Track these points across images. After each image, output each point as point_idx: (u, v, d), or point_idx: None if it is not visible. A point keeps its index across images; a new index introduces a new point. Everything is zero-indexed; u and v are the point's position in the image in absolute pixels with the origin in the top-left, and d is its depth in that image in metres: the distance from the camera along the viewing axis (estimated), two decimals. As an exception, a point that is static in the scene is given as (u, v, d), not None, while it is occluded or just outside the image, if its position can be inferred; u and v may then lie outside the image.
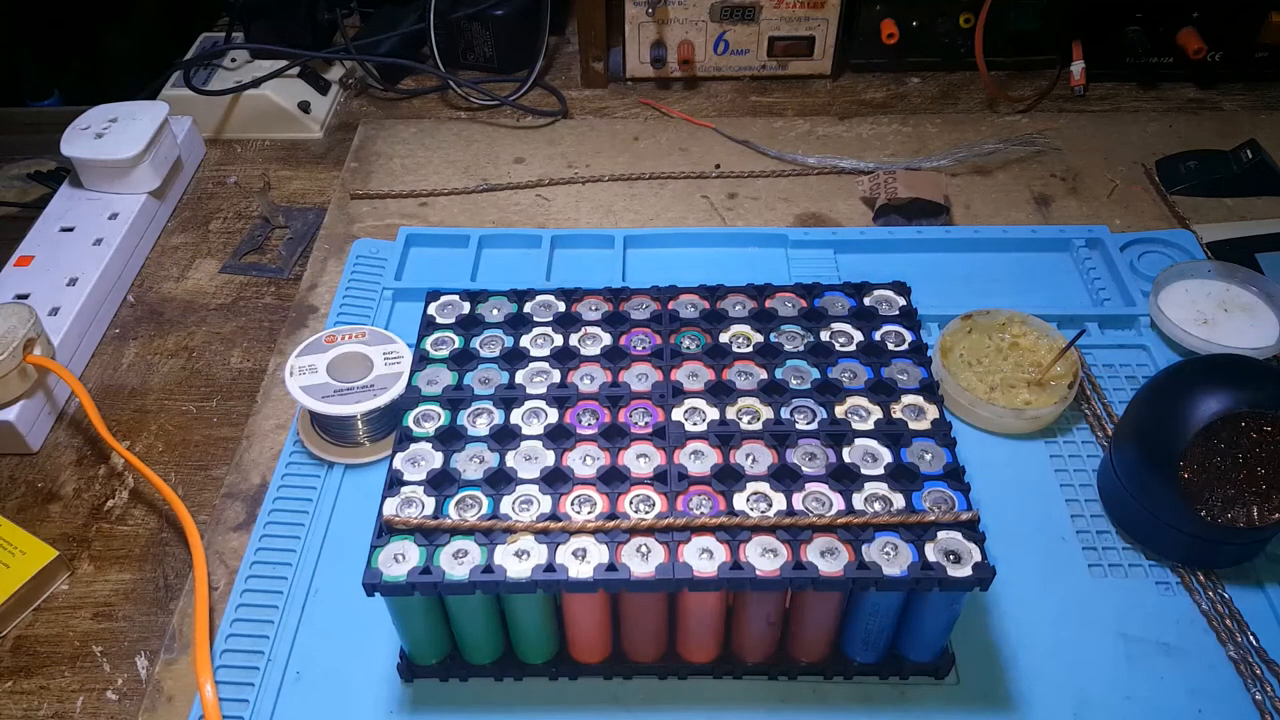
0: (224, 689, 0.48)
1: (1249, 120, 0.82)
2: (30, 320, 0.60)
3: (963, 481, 0.44)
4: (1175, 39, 0.82)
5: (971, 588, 0.41)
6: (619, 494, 0.44)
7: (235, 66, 0.85)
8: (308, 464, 0.58)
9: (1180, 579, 0.52)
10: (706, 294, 0.54)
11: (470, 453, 0.46)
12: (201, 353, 0.67)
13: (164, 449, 0.61)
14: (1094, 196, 0.75)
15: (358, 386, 0.56)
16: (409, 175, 0.80)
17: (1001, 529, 0.53)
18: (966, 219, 0.74)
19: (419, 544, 0.43)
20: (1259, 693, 0.47)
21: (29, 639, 0.52)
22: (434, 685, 0.49)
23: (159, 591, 0.54)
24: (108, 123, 0.75)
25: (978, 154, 0.78)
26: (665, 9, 0.84)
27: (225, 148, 0.85)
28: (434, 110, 0.88)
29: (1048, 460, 0.57)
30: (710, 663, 0.48)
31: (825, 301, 0.53)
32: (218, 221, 0.78)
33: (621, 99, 0.88)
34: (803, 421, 0.47)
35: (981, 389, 0.58)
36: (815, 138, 0.82)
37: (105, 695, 0.50)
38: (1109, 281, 0.67)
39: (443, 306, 0.54)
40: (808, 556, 0.41)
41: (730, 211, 0.75)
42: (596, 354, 0.50)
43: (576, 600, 0.45)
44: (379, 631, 0.49)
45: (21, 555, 0.54)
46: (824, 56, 0.87)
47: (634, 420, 0.47)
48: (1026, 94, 0.86)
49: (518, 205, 0.77)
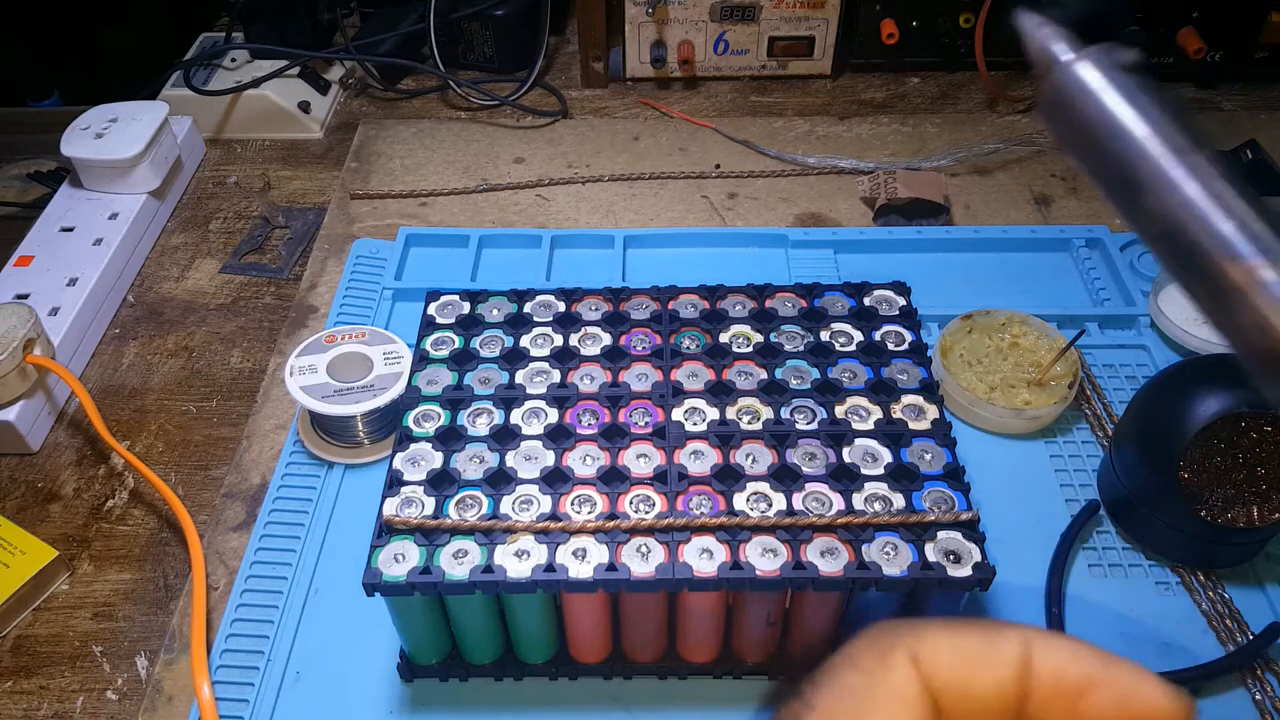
0: (224, 689, 0.48)
1: (1249, 120, 0.82)
2: (30, 320, 0.60)
3: (963, 481, 0.44)
4: (1175, 39, 0.82)
5: (971, 588, 0.41)
6: (619, 494, 0.44)
7: (235, 66, 0.85)
8: (308, 464, 0.58)
9: (1180, 579, 0.52)
10: (706, 294, 0.54)
11: (470, 453, 0.46)
12: (201, 353, 0.67)
13: (164, 449, 0.61)
14: (1094, 196, 0.75)
15: (358, 386, 0.56)
16: (409, 175, 0.80)
17: (1001, 529, 0.53)
18: (966, 219, 0.74)
19: (419, 544, 0.43)
20: (1259, 693, 0.47)
21: (29, 639, 0.52)
22: (434, 685, 0.49)
23: (159, 591, 0.54)
24: (108, 123, 0.75)
25: (978, 154, 0.78)
26: (665, 9, 0.84)
27: (225, 148, 0.85)
28: (434, 110, 0.88)
29: (1048, 460, 0.57)
30: (710, 663, 0.48)
31: (825, 301, 0.53)
32: (218, 221, 0.78)
33: (621, 99, 0.88)
34: (803, 421, 0.47)
35: (981, 389, 0.58)
36: (815, 138, 0.82)
37: (105, 695, 0.50)
38: (1109, 281, 0.67)
39: (443, 306, 0.54)
40: (808, 556, 0.41)
41: (730, 211, 0.75)
42: (596, 354, 0.50)
43: (576, 600, 0.45)
44: (379, 631, 0.49)
45: (21, 555, 0.54)
46: (824, 56, 0.87)
47: (634, 420, 0.47)
48: (1026, 94, 0.86)
49: (518, 205, 0.77)
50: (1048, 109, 0.31)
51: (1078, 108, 0.30)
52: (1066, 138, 0.31)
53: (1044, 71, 0.31)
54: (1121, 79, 0.30)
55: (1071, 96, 0.30)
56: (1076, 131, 0.30)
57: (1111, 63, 0.30)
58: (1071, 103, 0.30)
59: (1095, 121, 0.30)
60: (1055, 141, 0.35)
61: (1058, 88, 0.31)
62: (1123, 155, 0.29)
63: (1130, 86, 0.30)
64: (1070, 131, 0.31)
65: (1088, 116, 0.30)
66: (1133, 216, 0.30)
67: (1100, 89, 0.30)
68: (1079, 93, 0.30)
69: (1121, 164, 0.29)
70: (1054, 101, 0.31)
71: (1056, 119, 0.31)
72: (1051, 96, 0.31)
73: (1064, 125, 0.31)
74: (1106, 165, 0.30)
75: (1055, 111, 0.31)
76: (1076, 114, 0.30)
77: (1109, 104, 0.30)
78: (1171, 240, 0.29)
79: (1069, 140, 0.31)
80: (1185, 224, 0.28)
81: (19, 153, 0.85)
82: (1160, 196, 0.29)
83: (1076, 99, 0.30)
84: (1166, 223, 0.29)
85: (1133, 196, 0.29)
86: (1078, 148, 0.31)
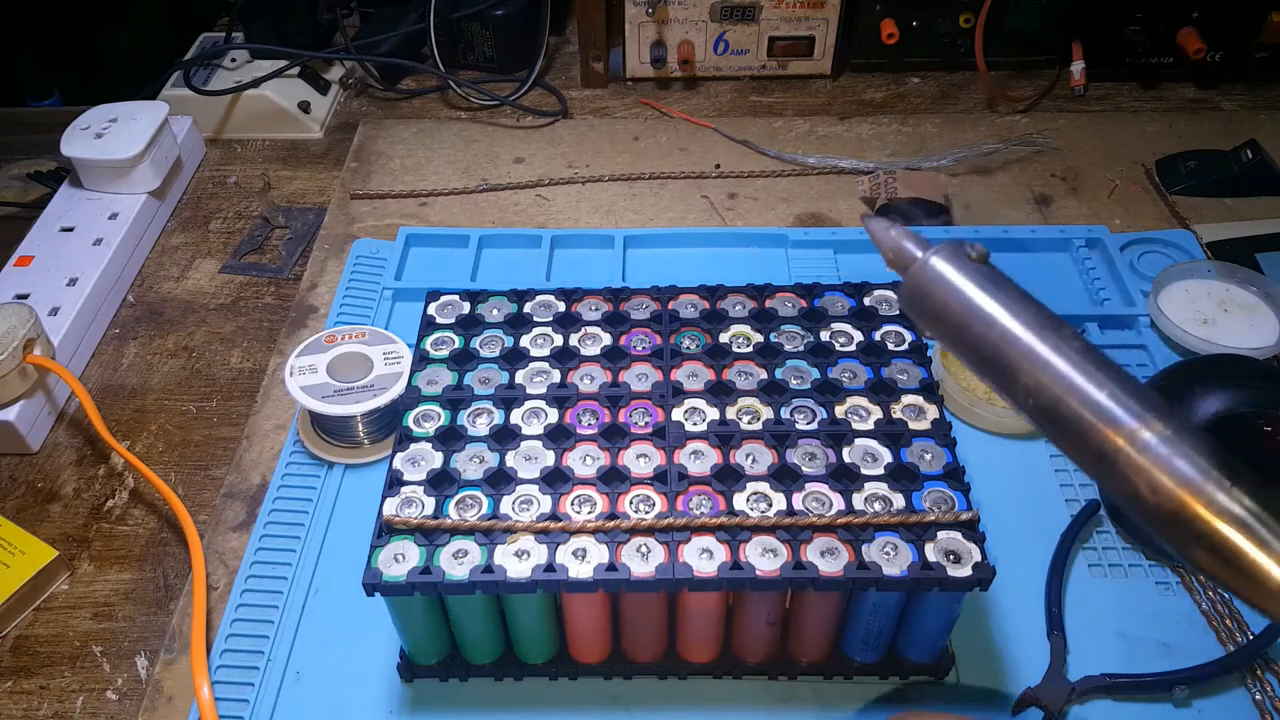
0: (224, 689, 0.48)
1: (1249, 120, 0.82)
2: (30, 320, 0.60)
3: (963, 481, 0.44)
4: (1175, 39, 0.82)
5: (971, 588, 0.41)
6: (619, 494, 0.44)
7: (235, 66, 0.85)
8: (308, 464, 0.58)
9: (1180, 579, 0.52)
10: (706, 294, 0.53)
11: (470, 453, 0.46)
12: (201, 353, 0.67)
13: (164, 449, 0.61)
14: (1094, 196, 0.75)
15: (358, 386, 0.56)
16: (409, 175, 0.80)
17: (1001, 529, 0.53)
18: (966, 219, 0.74)
19: (419, 544, 0.43)
20: (1259, 693, 0.47)
21: (29, 639, 0.52)
22: (434, 685, 0.49)
23: (159, 591, 0.54)
24: (108, 123, 0.75)
25: (978, 154, 0.78)
26: (665, 9, 0.84)
27: (225, 148, 0.85)
28: (434, 110, 0.88)
29: (1048, 460, 0.57)
30: (710, 663, 0.48)
31: (825, 301, 0.53)
32: (218, 221, 0.78)
33: (621, 99, 0.88)
34: (803, 421, 0.47)
35: (981, 389, 0.58)
36: (815, 138, 0.82)
37: (105, 695, 0.50)
38: (1109, 281, 0.67)
39: (443, 306, 0.54)
40: (808, 556, 0.41)
41: (730, 211, 0.75)
42: (596, 354, 0.50)
43: (576, 600, 0.45)
44: (379, 631, 0.49)
45: (21, 555, 0.54)
46: (824, 56, 0.87)
47: (634, 420, 0.47)
48: (1026, 94, 0.86)
49: (518, 205, 0.77)
50: (910, 302, 0.33)
51: (939, 298, 0.32)
52: (933, 326, 0.33)
53: (901, 268, 0.34)
54: (973, 269, 0.32)
55: (932, 289, 0.32)
56: (942, 320, 0.32)
57: (962, 255, 0.32)
58: (933, 294, 0.32)
59: (958, 309, 0.32)
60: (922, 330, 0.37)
61: (917, 282, 0.33)
62: (990, 337, 0.31)
63: (982, 276, 0.32)
64: (936, 320, 0.33)
65: (950, 305, 0.32)
66: (1010, 393, 0.31)
67: (958, 280, 0.32)
68: (939, 285, 0.32)
69: (990, 346, 0.31)
70: (916, 295, 0.33)
71: (921, 310, 0.33)
72: (913, 291, 0.33)
73: (929, 315, 0.33)
74: (976, 348, 0.32)
75: (918, 304, 0.33)
76: (939, 304, 0.32)
77: (968, 293, 0.32)
78: (1051, 413, 0.30)
79: (936, 328, 0.33)
80: (1061, 397, 0.30)
81: (19, 153, 0.85)
82: (1033, 374, 0.30)
83: (937, 290, 0.32)
84: (1043, 398, 0.30)
85: (1007, 375, 0.31)
86: (946, 334, 0.33)
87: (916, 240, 0.34)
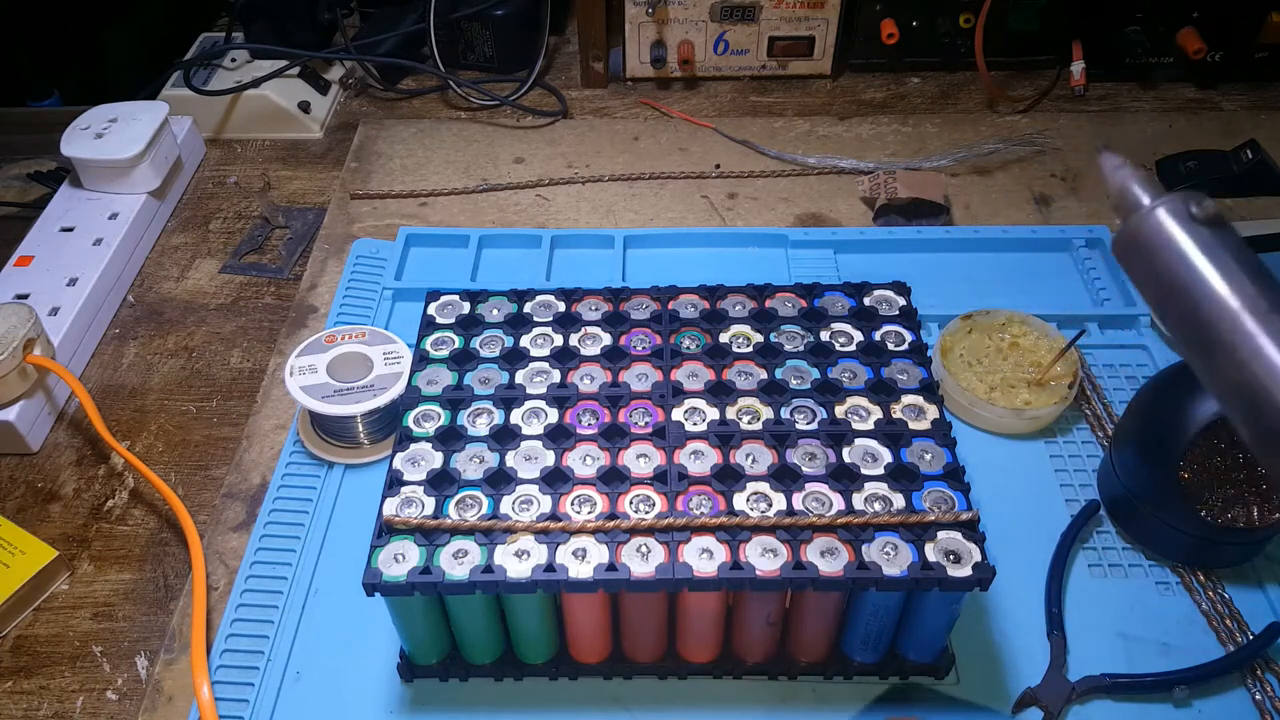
0: (224, 689, 0.48)
1: (1249, 120, 0.82)
2: (30, 320, 0.60)
3: (963, 481, 0.44)
4: (1175, 39, 0.82)
5: (971, 588, 0.41)
6: (619, 494, 0.44)
7: (235, 66, 0.85)
8: (308, 464, 0.58)
9: (1180, 579, 0.52)
10: (706, 294, 0.53)
11: (470, 453, 0.46)
12: (201, 353, 0.67)
13: (164, 449, 0.61)
14: (1094, 196, 0.75)
15: (358, 386, 0.56)
16: (409, 175, 0.80)
17: (1001, 529, 0.53)
18: (966, 219, 0.74)
19: (419, 544, 0.43)
20: (1259, 693, 0.47)
21: (29, 639, 0.52)
22: (434, 685, 0.49)
23: (159, 591, 0.54)
24: (108, 123, 0.75)
25: (978, 154, 0.78)
26: (665, 9, 0.84)
27: (225, 148, 0.85)
28: (434, 110, 0.88)
29: (1048, 460, 0.57)
30: (710, 663, 0.48)
31: (825, 301, 0.53)
32: (218, 221, 0.78)
33: (621, 99, 0.88)
34: (803, 421, 0.47)
35: (981, 389, 0.58)
36: (815, 138, 0.82)
37: (105, 695, 0.50)
38: (1109, 281, 0.67)
39: (443, 306, 0.54)
40: (808, 556, 0.41)
41: (730, 211, 0.75)
42: (596, 354, 0.50)
43: (576, 600, 0.45)
44: (379, 631, 0.49)
45: (21, 555, 0.54)
46: (824, 56, 0.87)
47: (634, 420, 0.47)
48: (1026, 94, 0.86)
49: (518, 205, 0.77)
50: (1124, 251, 0.31)
51: (1156, 256, 0.30)
52: (1144, 282, 0.30)
53: (1122, 214, 0.31)
54: (1201, 233, 0.29)
55: (1150, 244, 0.30)
56: (1154, 278, 0.30)
57: (1191, 213, 0.29)
58: (1150, 250, 0.30)
59: (1173, 273, 0.29)
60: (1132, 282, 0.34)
61: (1136, 233, 0.30)
62: (1201, 311, 0.29)
63: (1210, 241, 0.29)
64: (1147, 277, 0.30)
65: (1166, 266, 0.29)
66: (1207, 372, 0.29)
67: (1180, 240, 0.29)
68: (1158, 241, 0.30)
69: (1199, 319, 0.29)
70: (1131, 246, 0.30)
71: (1133, 263, 0.31)
72: (1129, 240, 0.30)
73: (1140, 270, 0.30)
74: (1183, 317, 0.29)
75: (1132, 255, 0.30)
76: (1154, 262, 0.30)
77: (1189, 257, 0.29)
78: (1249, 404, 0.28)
79: (1145, 285, 0.30)
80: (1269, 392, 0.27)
81: (19, 153, 0.85)
82: (1239, 359, 0.28)
83: (1155, 247, 0.30)
84: (1245, 386, 0.28)
85: (1208, 353, 0.28)
86: (1154, 293, 0.30)
87: (1147, 184, 0.31)
